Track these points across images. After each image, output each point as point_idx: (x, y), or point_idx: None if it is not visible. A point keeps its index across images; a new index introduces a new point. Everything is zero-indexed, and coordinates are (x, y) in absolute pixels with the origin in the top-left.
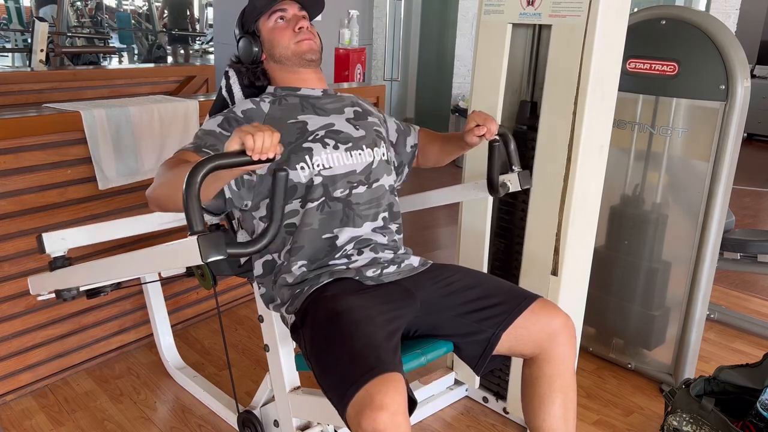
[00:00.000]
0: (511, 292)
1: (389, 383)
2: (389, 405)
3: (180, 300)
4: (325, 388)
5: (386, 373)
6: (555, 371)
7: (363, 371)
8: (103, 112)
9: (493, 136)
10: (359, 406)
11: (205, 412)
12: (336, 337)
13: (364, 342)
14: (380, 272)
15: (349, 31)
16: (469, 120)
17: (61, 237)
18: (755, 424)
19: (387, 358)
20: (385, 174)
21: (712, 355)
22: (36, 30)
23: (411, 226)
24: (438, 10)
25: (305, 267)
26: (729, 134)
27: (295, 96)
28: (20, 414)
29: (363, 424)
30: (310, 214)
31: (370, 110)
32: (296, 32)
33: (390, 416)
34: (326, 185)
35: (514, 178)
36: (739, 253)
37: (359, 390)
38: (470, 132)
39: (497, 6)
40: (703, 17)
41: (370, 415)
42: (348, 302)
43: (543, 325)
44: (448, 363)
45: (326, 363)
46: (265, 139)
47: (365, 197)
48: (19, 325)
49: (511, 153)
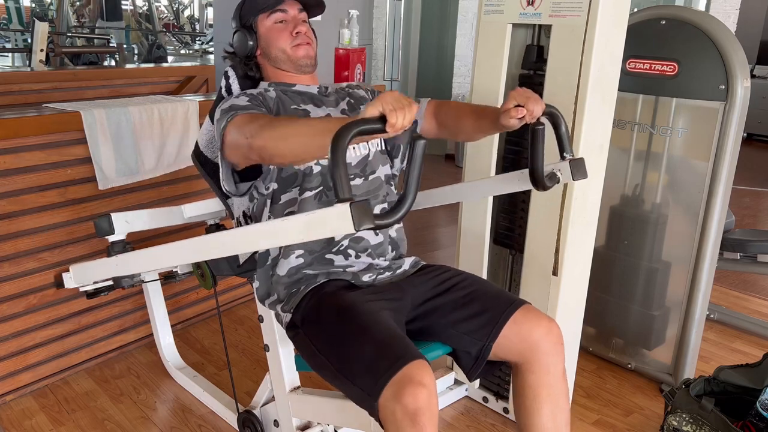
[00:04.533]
0: (496, 299)
1: (424, 367)
2: (429, 384)
3: (180, 300)
4: (351, 377)
5: (418, 359)
6: (540, 381)
7: (396, 357)
8: (103, 112)
9: (535, 119)
10: (399, 385)
11: (205, 412)
12: (355, 329)
13: (387, 332)
14: (375, 277)
15: (349, 31)
16: (509, 99)
17: (125, 219)
18: (755, 424)
19: (413, 347)
20: (381, 164)
21: (712, 355)
22: (36, 30)
23: (411, 226)
24: (438, 10)
25: (302, 258)
26: (729, 134)
27: (292, 91)
28: (20, 414)
29: (404, 400)
30: (308, 203)
31: (363, 96)
32: (294, 36)
33: (428, 396)
34: (324, 174)
35: (566, 168)
36: (739, 253)
37: (397, 372)
38: (507, 113)
39: (497, 6)
40: (703, 17)
41: (412, 391)
42: (350, 297)
43: (524, 335)
44: (448, 363)
45: (349, 355)
46: (406, 116)
47: (362, 189)
48: (19, 325)
49: (563, 136)
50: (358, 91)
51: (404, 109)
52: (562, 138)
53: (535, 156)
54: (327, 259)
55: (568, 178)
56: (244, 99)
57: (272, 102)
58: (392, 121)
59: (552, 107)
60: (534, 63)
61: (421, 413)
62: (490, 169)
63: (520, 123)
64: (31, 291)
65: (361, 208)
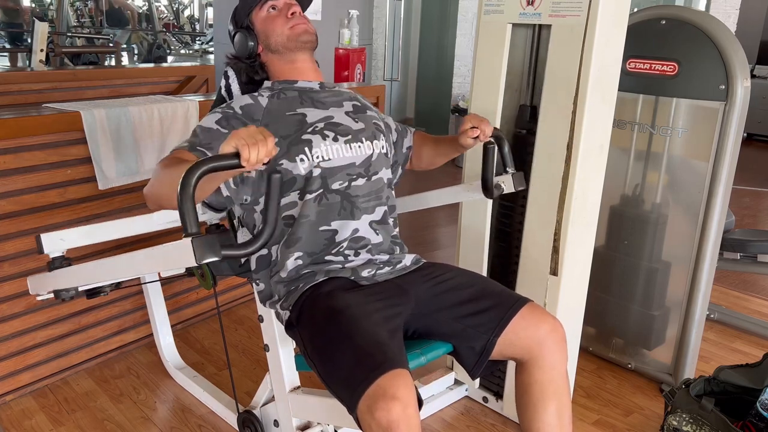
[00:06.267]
0: (501, 296)
1: (400, 378)
2: (402, 397)
3: (180, 300)
4: (332, 385)
5: (396, 368)
6: (546, 377)
7: (373, 367)
8: (103, 112)
9: (487, 138)
10: (372, 399)
11: (205, 412)
12: (339, 335)
13: (369, 339)
14: (375, 273)
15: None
16: (465, 122)
17: (60, 237)
18: (755, 424)
19: (394, 355)
20: (384, 167)
21: (712, 355)
22: (36, 30)
23: (411, 226)
24: (438, 10)
25: (301, 260)
26: (729, 134)
27: (293, 90)
28: (20, 414)
29: (377, 415)
30: (308, 206)
31: (369, 105)
32: (289, 18)
33: (402, 408)
34: (325, 177)
35: (508, 180)
36: (739, 253)
37: (371, 384)
38: (464, 134)
39: (497, 6)
40: (703, 17)
41: (383, 406)
42: (345, 299)
43: (531, 331)
44: (448, 363)
45: (332, 361)
46: (260, 150)
47: (364, 189)
48: (19, 325)
49: (505, 155)
50: (364, 100)
51: (257, 144)
52: (505, 156)
53: (486, 169)
54: (326, 260)
55: (510, 187)
56: (211, 119)
57: (260, 112)
58: (245, 155)
59: (498, 130)
60: (527, 122)
61: (395, 426)
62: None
63: (475, 142)
64: None
65: (205, 242)
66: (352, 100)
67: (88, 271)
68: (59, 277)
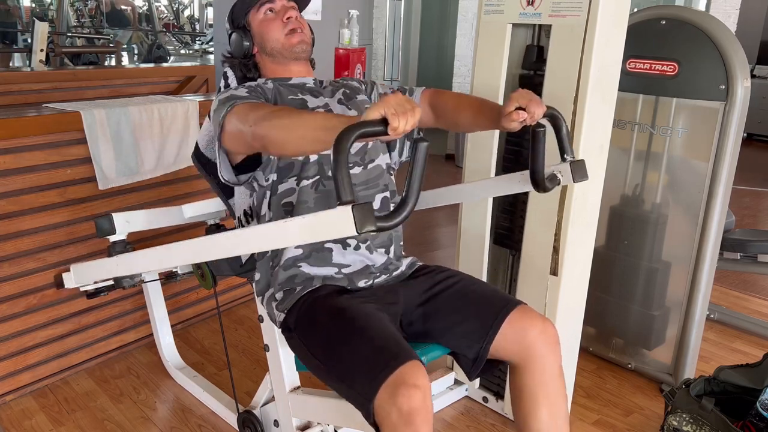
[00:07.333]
0: (492, 299)
1: (419, 368)
2: (422, 386)
3: (180, 300)
4: (344, 379)
5: (412, 360)
6: (537, 381)
7: (392, 356)
8: (103, 112)
9: (536, 122)
10: (393, 387)
11: (205, 412)
12: (348, 330)
13: (382, 333)
14: (372, 282)
15: (349, 31)
16: (510, 101)
17: (125, 219)
18: (755, 424)
19: (408, 347)
20: (381, 153)
21: (712, 355)
22: (36, 30)
23: (411, 226)
24: (438, 10)
25: (301, 248)
26: (729, 134)
27: (288, 84)
28: (20, 414)
29: (399, 401)
30: (305, 192)
31: (358, 87)
32: (285, 23)
33: (423, 397)
34: (321, 163)
35: (566, 169)
36: (739, 253)
37: (393, 372)
38: (508, 116)
39: (497, 6)
40: (703, 17)
41: (405, 392)
42: (345, 300)
43: (519, 336)
44: (448, 363)
45: (343, 355)
46: (408, 120)
47: (361, 178)
48: (19, 325)
49: (563, 138)
50: (352, 83)
51: (407, 113)
52: (563, 140)
53: (535, 158)
54: (326, 248)
55: (569, 179)
56: (243, 90)
57: (270, 92)
58: (394, 125)
59: (553, 109)
60: (534, 63)
61: (415, 414)
62: (490, 170)
63: (521, 125)
64: (31, 291)
65: (364, 211)
66: (342, 87)
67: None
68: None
